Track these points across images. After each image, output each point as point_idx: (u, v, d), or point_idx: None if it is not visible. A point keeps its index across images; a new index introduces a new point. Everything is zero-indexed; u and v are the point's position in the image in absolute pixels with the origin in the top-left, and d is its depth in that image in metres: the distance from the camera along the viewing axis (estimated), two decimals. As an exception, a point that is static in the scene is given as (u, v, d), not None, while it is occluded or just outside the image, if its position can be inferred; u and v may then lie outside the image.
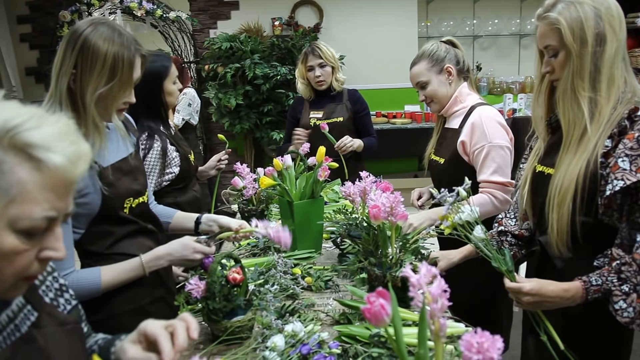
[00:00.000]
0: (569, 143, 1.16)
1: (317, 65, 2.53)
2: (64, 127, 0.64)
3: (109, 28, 1.21)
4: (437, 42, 1.88)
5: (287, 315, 1.31)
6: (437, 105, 1.88)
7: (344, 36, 5.15)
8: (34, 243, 0.62)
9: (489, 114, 1.74)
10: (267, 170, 1.83)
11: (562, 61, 1.16)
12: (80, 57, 1.18)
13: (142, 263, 1.27)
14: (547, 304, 1.12)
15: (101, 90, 1.19)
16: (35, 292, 0.78)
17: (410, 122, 4.97)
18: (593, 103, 1.13)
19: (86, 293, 1.20)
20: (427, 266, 0.65)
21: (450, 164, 1.79)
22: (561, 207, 1.14)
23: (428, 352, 0.64)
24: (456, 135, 1.79)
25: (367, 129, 2.69)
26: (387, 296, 0.62)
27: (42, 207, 0.60)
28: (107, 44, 1.18)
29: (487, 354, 0.53)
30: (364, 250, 1.36)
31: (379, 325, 0.61)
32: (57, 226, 0.65)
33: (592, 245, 1.15)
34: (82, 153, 0.64)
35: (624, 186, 1.01)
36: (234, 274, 1.21)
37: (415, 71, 1.87)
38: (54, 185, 0.61)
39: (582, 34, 1.11)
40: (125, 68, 1.21)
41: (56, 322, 0.77)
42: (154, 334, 0.75)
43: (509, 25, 5.42)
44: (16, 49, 5.08)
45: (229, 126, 4.84)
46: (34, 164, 0.59)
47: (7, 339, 0.69)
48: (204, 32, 5.18)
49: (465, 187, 1.17)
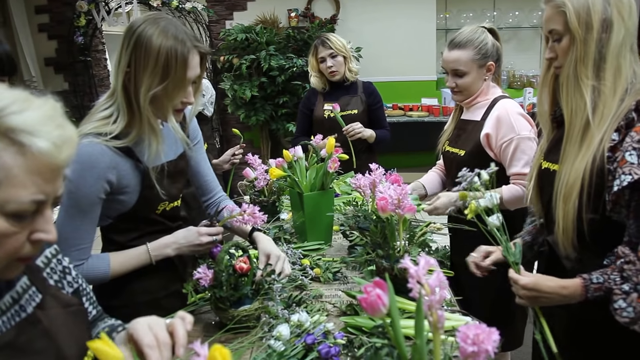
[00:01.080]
0: (571, 135, 1.12)
1: (328, 56, 2.52)
2: (50, 111, 0.63)
3: (164, 24, 1.16)
4: (483, 30, 1.73)
5: (294, 306, 1.32)
6: (461, 97, 1.80)
7: (360, 28, 5.10)
8: (24, 225, 0.63)
9: (512, 107, 1.70)
10: (277, 162, 1.83)
11: (566, 46, 1.12)
12: (133, 54, 1.14)
13: (147, 250, 1.28)
14: (543, 299, 1.10)
15: (155, 90, 1.14)
16: (39, 274, 0.80)
17: (427, 115, 4.92)
18: (596, 92, 1.08)
19: (96, 279, 1.23)
20: (426, 258, 0.64)
21: (472, 157, 1.73)
22: (567, 204, 1.10)
23: (425, 343, 0.63)
24: (478, 127, 1.74)
25: (381, 121, 2.67)
26: (384, 286, 0.62)
27: (30, 191, 0.61)
28: (160, 40, 1.12)
29: (482, 345, 0.53)
30: (372, 242, 1.36)
31: (375, 315, 0.61)
32: (47, 209, 0.65)
33: (600, 244, 1.11)
34: (68, 137, 0.64)
35: (632, 181, 0.97)
36: (241, 264, 1.22)
37: (455, 56, 1.72)
38: (39, 170, 0.61)
39: (588, 18, 1.07)
40: (179, 65, 1.14)
41: (60, 303, 0.79)
42: (141, 343, 0.72)
43: (530, 17, 5.31)
44: (35, 39, 5.13)
45: (245, 118, 4.85)
46: (17, 148, 0.59)
47: (12, 320, 0.70)
48: (220, 23, 5.18)
49: (489, 171, 1.15)
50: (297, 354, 1.07)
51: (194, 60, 1.18)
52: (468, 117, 1.84)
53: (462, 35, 1.72)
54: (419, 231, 1.27)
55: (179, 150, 1.38)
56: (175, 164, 1.34)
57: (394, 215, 1.21)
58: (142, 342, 0.71)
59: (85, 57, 4.97)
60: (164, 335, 0.73)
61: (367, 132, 2.50)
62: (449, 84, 1.78)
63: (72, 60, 4.94)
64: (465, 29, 1.74)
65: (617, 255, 1.04)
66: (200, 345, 0.64)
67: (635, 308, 0.98)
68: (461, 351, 0.57)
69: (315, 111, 2.66)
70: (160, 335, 0.72)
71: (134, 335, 0.73)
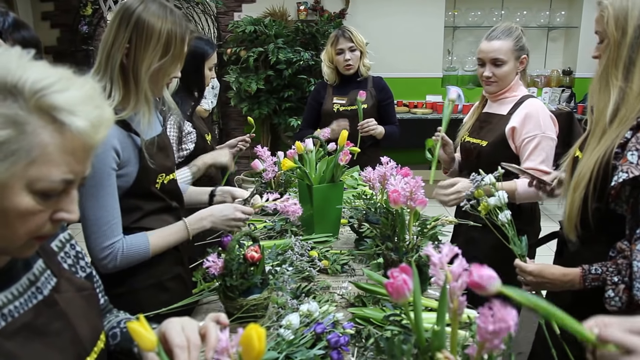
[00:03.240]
0: (595, 130, 1.19)
1: (348, 49, 2.51)
2: (90, 91, 0.63)
3: (160, 5, 1.25)
4: (516, 26, 1.84)
5: (302, 296, 1.32)
6: (495, 88, 1.86)
7: (369, 23, 5.09)
8: (49, 204, 0.63)
9: (541, 106, 1.79)
10: (289, 153, 1.83)
11: (604, 48, 1.18)
12: (134, 33, 1.21)
13: (186, 225, 1.35)
14: (547, 285, 1.22)
15: (155, 66, 1.23)
16: (54, 258, 0.80)
17: (431, 113, 4.92)
18: (622, 94, 1.14)
19: (137, 255, 1.26)
20: (450, 246, 0.65)
21: (494, 147, 1.81)
22: (575, 192, 1.18)
23: (445, 330, 0.64)
24: (504, 121, 1.81)
25: (390, 117, 2.66)
26: (410, 272, 0.62)
27: (61, 170, 0.61)
28: (160, 22, 1.22)
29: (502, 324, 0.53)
30: (382, 234, 1.36)
31: (399, 299, 0.61)
32: (74, 189, 0.65)
33: (605, 233, 1.18)
34: (105, 118, 0.64)
35: (626, 179, 1.04)
36: (252, 252, 1.22)
37: (497, 46, 1.80)
38: (74, 149, 0.61)
39: (624, 23, 1.13)
40: (178, 44, 1.25)
41: (74, 287, 0.79)
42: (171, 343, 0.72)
43: (537, 17, 5.29)
44: (37, 27, 5.10)
45: (247, 111, 4.83)
46: (57, 126, 0.60)
47: (29, 301, 0.70)
48: (229, 14, 5.16)
49: (496, 174, 1.26)
50: (305, 343, 1.08)
51: (188, 39, 1.30)
52: (493, 110, 1.91)
53: (500, 29, 1.83)
54: (429, 224, 1.28)
55: (160, 126, 1.45)
56: (163, 138, 1.41)
57: (405, 208, 1.21)
58: (173, 342, 0.71)
59: (88, 46, 4.95)
60: (196, 337, 0.73)
61: (378, 129, 2.50)
62: (485, 74, 1.84)
63: (73, 49, 4.92)
64: (500, 24, 1.85)
65: (617, 249, 1.13)
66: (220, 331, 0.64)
67: (621, 298, 1.07)
68: (480, 333, 0.57)
69: (324, 104, 2.65)
70: (192, 337, 0.72)
71: (166, 334, 0.73)
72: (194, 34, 1.34)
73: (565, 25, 5.28)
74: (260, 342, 0.58)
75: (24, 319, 0.68)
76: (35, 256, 0.76)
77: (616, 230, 1.15)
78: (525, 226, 1.71)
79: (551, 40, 5.44)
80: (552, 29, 5.36)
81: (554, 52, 5.45)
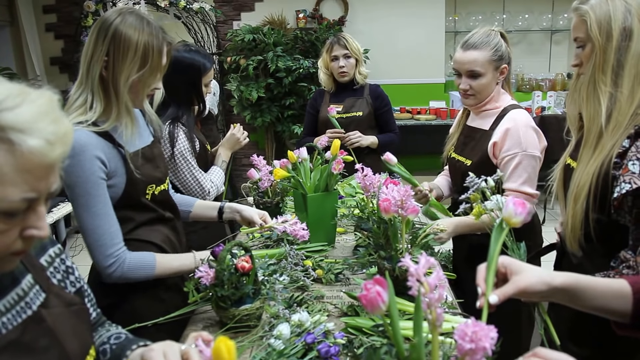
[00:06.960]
0: (588, 139, 1.16)
1: (342, 56, 2.51)
2: (44, 106, 0.60)
3: (137, 17, 1.26)
4: (497, 33, 1.69)
5: (295, 306, 1.31)
6: (473, 101, 1.74)
7: (369, 30, 5.10)
8: (15, 222, 0.61)
9: (524, 120, 1.66)
10: (282, 162, 1.83)
11: (588, 54, 1.16)
12: (112, 45, 1.22)
13: (193, 256, 1.36)
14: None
15: (134, 77, 1.25)
16: (43, 273, 0.79)
17: (434, 119, 4.91)
18: (613, 99, 1.12)
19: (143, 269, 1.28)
20: (427, 257, 0.64)
21: (478, 167, 1.67)
22: (576, 204, 1.14)
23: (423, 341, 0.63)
24: (486, 137, 1.71)
25: (389, 125, 2.65)
26: (384, 284, 0.61)
27: (20, 189, 0.59)
28: (137, 33, 1.23)
29: (480, 343, 0.52)
30: (375, 243, 1.35)
31: (374, 312, 0.61)
32: (40, 205, 0.63)
33: (607, 244, 1.14)
34: (62, 133, 0.61)
35: (630, 190, 1.01)
36: (243, 262, 1.21)
37: (473, 57, 1.66)
38: (31, 168, 0.59)
39: (608, 27, 1.11)
40: (155, 55, 1.27)
41: (63, 302, 0.79)
42: None
43: (540, 20, 5.28)
44: (41, 38, 5.17)
45: (250, 119, 4.86)
46: (7, 146, 0.57)
47: (17, 317, 0.70)
48: (227, 23, 5.20)
49: (495, 177, 1.21)
50: (296, 353, 1.07)
51: (165, 50, 1.32)
52: (476, 124, 1.80)
53: (477, 36, 1.68)
54: (422, 233, 1.26)
55: (150, 137, 1.45)
56: (151, 149, 1.41)
57: (397, 217, 1.20)
58: None
59: (91, 57, 5.01)
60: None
61: (366, 141, 2.49)
62: (462, 87, 1.72)
63: (77, 59, 4.98)
64: (478, 30, 1.70)
65: (621, 259, 1.08)
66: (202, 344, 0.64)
67: None
68: (459, 349, 0.56)
69: (321, 112, 2.66)
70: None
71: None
72: (171, 45, 1.35)
73: (568, 28, 5.26)
74: (230, 354, 0.58)
75: (11, 336, 0.67)
76: (24, 271, 0.75)
77: (617, 241, 1.11)
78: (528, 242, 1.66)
79: (555, 44, 5.42)
80: (555, 32, 5.35)
81: (558, 56, 5.43)
